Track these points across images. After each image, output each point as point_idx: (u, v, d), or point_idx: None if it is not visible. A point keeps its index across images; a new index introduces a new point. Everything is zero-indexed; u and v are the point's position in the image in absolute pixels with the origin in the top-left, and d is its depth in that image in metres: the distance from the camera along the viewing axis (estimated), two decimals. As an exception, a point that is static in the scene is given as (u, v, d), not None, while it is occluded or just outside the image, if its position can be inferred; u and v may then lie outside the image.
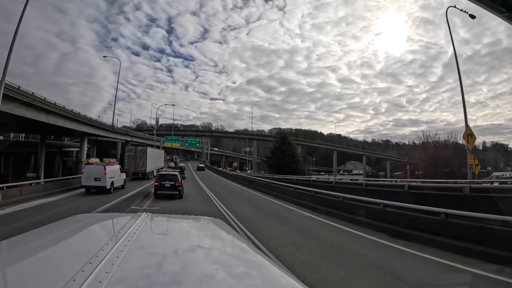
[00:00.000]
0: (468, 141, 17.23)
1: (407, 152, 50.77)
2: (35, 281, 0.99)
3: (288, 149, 47.71)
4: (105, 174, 17.61)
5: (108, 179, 17.84)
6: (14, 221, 9.66)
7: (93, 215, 2.77)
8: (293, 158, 47.02)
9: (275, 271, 1.30)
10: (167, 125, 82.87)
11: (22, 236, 1.51)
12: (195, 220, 2.27)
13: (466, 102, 17.55)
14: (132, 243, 1.30)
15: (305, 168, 54.36)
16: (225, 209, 13.09)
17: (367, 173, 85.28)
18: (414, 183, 16.16)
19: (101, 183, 17.48)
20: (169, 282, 1.10)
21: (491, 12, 2.55)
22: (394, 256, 6.69)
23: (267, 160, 52.89)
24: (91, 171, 17.61)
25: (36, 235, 1.59)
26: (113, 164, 19.77)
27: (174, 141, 54.96)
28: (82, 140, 39.46)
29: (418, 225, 8.22)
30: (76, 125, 33.46)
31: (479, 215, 7.15)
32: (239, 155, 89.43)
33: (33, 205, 13.49)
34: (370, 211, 9.91)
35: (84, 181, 17.77)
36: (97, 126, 39.06)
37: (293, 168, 44.99)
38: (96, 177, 17.45)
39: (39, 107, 26.69)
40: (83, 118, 34.48)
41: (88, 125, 35.98)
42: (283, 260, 5.93)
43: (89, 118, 36.04)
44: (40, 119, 27.61)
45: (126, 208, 12.24)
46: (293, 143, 50.57)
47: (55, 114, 28.80)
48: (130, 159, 29.35)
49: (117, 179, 19.64)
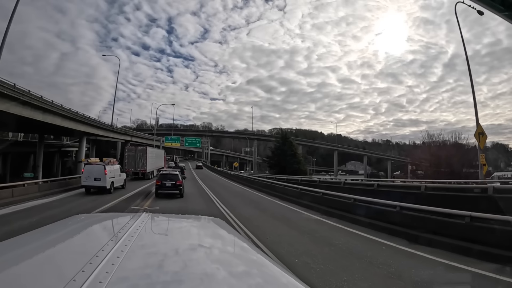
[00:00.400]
0: (479, 140, 16.50)
1: (409, 152, 49.97)
2: (35, 281, 0.98)
3: (290, 149, 46.99)
4: (105, 174, 17.32)
5: (108, 179, 17.57)
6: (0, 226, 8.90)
7: (93, 215, 2.74)
8: (295, 158, 46.29)
9: (275, 270, 1.29)
10: (167, 125, 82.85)
11: (22, 236, 1.50)
12: (195, 219, 2.26)
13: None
14: (132, 243, 1.28)
15: (307, 168, 53.64)
16: (228, 211, 12.37)
17: (367, 173, 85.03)
18: (431, 184, 15.31)
19: (101, 183, 17.23)
20: (170, 282, 1.08)
21: (491, 11, 2.52)
22: (419, 265, 5.98)
23: (268, 160, 52.18)
24: (91, 171, 17.36)
25: (37, 235, 1.59)
26: (113, 164, 19.47)
27: (174, 141, 54.13)
28: (81, 140, 38.66)
29: (441, 230, 7.52)
30: (74, 124, 32.66)
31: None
32: (239, 155, 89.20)
33: (25, 207, 12.72)
34: (384, 214, 9.23)
35: (84, 181, 17.51)
36: (96, 126, 38.25)
37: (295, 168, 44.30)
38: (96, 177, 17.20)
39: (36, 105, 25.87)
40: (81, 117, 33.67)
41: (86, 125, 35.17)
42: (298, 272, 5.18)
43: (88, 117, 35.20)
44: (37, 118, 26.81)
45: (125, 209, 11.96)
46: (294, 143, 49.84)
47: (52, 113, 27.97)
48: (130, 159, 29.02)
49: (117, 179, 19.34)
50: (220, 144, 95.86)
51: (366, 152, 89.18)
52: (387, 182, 22.37)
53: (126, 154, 29.64)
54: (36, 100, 25.57)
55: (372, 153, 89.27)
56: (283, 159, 46.09)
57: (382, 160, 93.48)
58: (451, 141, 32.58)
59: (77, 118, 32.48)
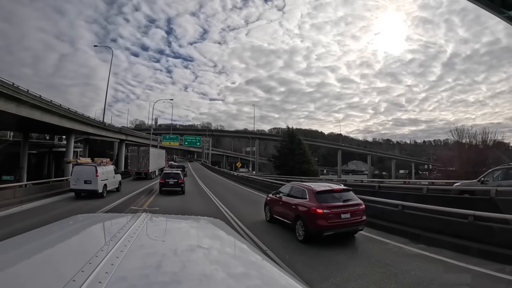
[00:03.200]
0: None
1: (437, 152, 45.99)
2: (35, 281, 0.96)
3: (298, 148, 42.45)
4: (97, 176, 15.05)
5: (100, 181, 15.32)
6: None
7: (93, 215, 2.64)
8: (304, 158, 41.74)
9: (274, 271, 1.26)
10: (166, 125, 79.09)
11: (22, 236, 1.47)
12: (194, 220, 2.19)
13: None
14: (131, 244, 1.26)
15: (317, 169, 49.10)
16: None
17: (372, 173, 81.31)
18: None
19: (92, 186, 14.97)
20: (168, 282, 1.07)
21: (491, 12, 2.29)
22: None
23: (274, 160, 47.58)
24: (80, 173, 15.06)
25: (36, 236, 1.55)
26: (106, 165, 17.10)
27: (173, 140, 49.24)
28: (68, 138, 33.79)
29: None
30: (57, 119, 27.80)
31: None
32: (240, 155, 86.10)
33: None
34: (451, 226, 6.94)
35: (73, 184, 15.18)
36: (85, 122, 33.25)
37: (304, 169, 39.90)
38: (86, 179, 14.95)
39: (8, 95, 21.18)
40: (66, 112, 28.67)
41: (73, 120, 30.23)
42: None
43: (75, 112, 30.20)
44: (10, 111, 22.13)
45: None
46: (303, 141, 45.24)
47: (28, 105, 23.11)
48: (133, 159, 29.03)
49: (111, 181, 16.98)
50: (220, 144, 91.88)
51: (370, 151, 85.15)
52: (439, 185, 18.06)
53: (129, 155, 30.12)
54: (6, 87, 20.81)
55: (376, 152, 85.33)
56: (291, 159, 41.58)
57: (384, 160, 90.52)
58: (488, 139, 28.18)
59: (61, 112, 27.50)
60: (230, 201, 15.21)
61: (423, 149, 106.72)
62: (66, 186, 16.36)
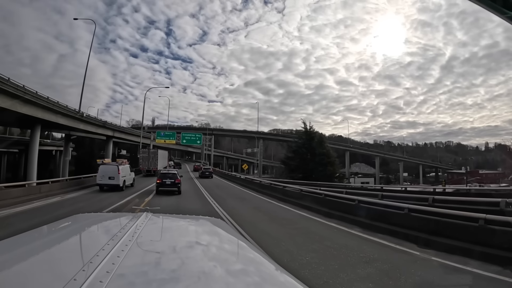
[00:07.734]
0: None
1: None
2: (35, 280, 0.94)
3: (319, 147, 34.24)
4: (119, 173, 17.81)
5: (121, 178, 18.07)
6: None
7: (94, 215, 2.42)
8: (328, 159, 33.44)
9: (273, 269, 1.24)
10: (162, 125, 70.87)
11: (22, 235, 1.40)
12: (194, 219, 2.11)
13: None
14: (132, 243, 1.23)
15: (342, 173, 40.79)
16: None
17: (379, 176, 74.39)
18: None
19: (115, 181, 17.73)
20: (169, 281, 1.04)
21: (493, 13, 2.20)
22: None
23: (287, 161, 39.30)
24: (105, 171, 17.85)
25: (37, 235, 1.51)
26: (124, 164, 19.83)
27: (168, 137, 40.56)
28: (33, 132, 25.01)
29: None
30: (9, 102, 19.15)
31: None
32: (241, 156, 78.69)
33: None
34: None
35: (99, 179, 17.98)
36: (54, 110, 24.44)
37: (329, 172, 31.76)
38: (110, 176, 17.67)
39: None
40: (19, 91, 19.92)
41: (32, 105, 21.46)
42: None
43: (35, 93, 21.42)
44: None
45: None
46: (325, 140, 36.89)
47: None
48: (144, 159, 33.12)
49: (128, 177, 19.74)
50: (219, 145, 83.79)
51: (379, 152, 77.80)
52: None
53: (140, 156, 34.07)
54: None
55: (385, 154, 78.10)
56: (311, 160, 33.39)
57: (389, 162, 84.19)
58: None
59: (10, 89, 18.74)
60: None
61: (425, 151, 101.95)
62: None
